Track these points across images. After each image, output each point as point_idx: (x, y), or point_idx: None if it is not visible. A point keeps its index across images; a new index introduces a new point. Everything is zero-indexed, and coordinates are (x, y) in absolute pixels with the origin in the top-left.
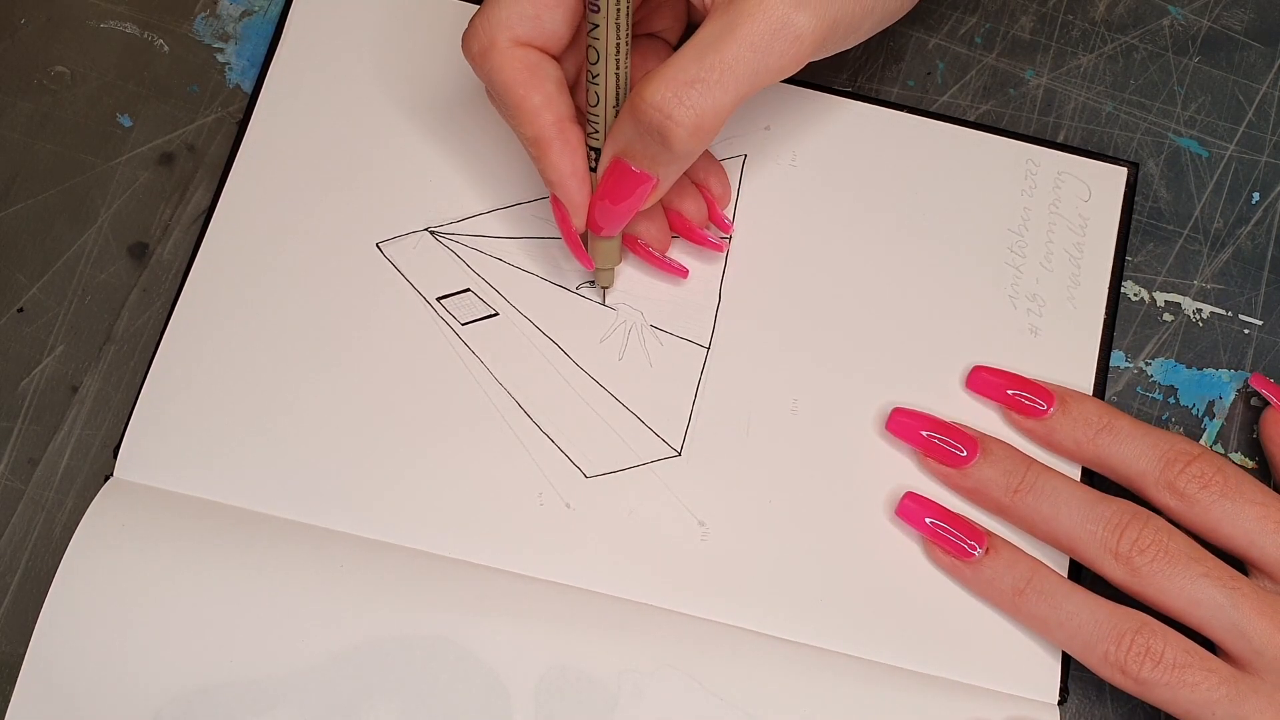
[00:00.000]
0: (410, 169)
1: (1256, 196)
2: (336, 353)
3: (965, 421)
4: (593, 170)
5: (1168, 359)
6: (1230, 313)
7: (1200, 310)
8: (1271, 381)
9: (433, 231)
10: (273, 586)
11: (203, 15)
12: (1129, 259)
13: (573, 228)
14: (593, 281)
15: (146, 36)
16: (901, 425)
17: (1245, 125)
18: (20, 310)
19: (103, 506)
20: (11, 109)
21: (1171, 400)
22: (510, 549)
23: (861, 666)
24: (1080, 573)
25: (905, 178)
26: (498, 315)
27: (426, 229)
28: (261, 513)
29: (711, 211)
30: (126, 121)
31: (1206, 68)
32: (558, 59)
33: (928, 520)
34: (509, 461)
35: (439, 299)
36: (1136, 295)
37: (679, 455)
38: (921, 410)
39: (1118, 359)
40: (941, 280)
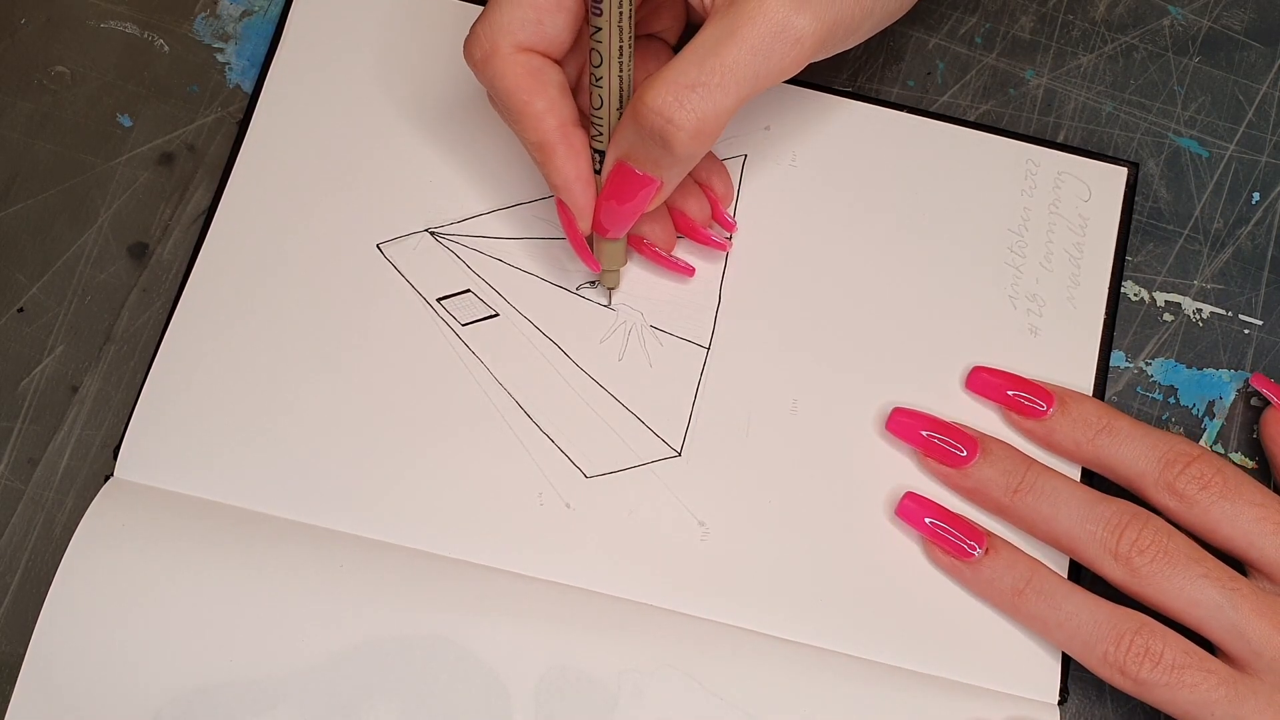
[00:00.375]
0: (410, 169)
1: (1256, 196)
2: (337, 353)
3: (965, 421)
4: (597, 173)
5: (1168, 359)
6: (1230, 313)
7: (1200, 310)
8: (1272, 381)
9: (433, 232)
10: (273, 586)
11: (203, 15)
12: (1129, 259)
13: (578, 231)
14: (594, 282)
15: (146, 36)
16: (901, 425)
17: (1245, 125)
18: (20, 310)
19: (103, 506)
20: (11, 109)
21: (1171, 400)
22: (510, 549)
23: (861, 666)
24: (1080, 573)
25: (905, 178)
26: (498, 316)
27: (427, 230)
28: (261, 513)
29: (715, 210)
30: (126, 121)
31: (1206, 68)
32: (559, 63)
33: (927, 520)
34: (509, 461)
35: (439, 300)
36: (1136, 295)
37: (679, 455)
38: (921, 410)
39: (1118, 359)
40: (941, 280)
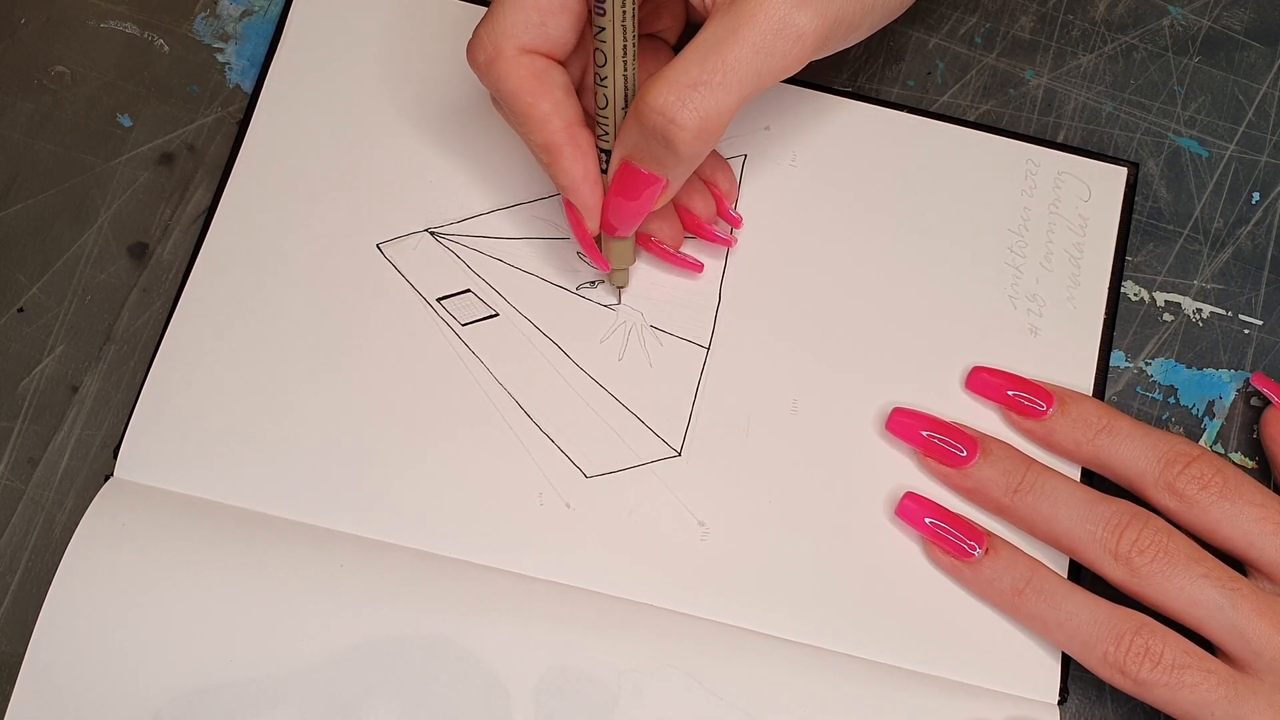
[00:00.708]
0: (410, 169)
1: (1256, 196)
2: (337, 353)
3: (965, 421)
4: (603, 172)
5: (1168, 359)
6: (1230, 313)
7: (1200, 310)
8: (1272, 381)
9: (433, 232)
10: (273, 586)
11: (203, 15)
12: (1129, 259)
13: (587, 231)
14: (594, 282)
15: (146, 36)
16: (901, 425)
17: (1245, 125)
18: (20, 310)
19: (103, 506)
20: (11, 109)
21: (1171, 400)
22: (510, 549)
23: (861, 666)
24: (1080, 573)
25: (905, 178)
26: (498, 316)
27: (427, 230)
28: (261, 513)
29: (720, 207)
30: (126, 121)
31: (1206, 68)
32: (563, 64)
33: (927, 520)
34: (509, 461)
35: (439, 300)
36: (1136, 295)
37: (679, 455)
38: (921, 410)
39: (1118, 359)
40: (941, 280)
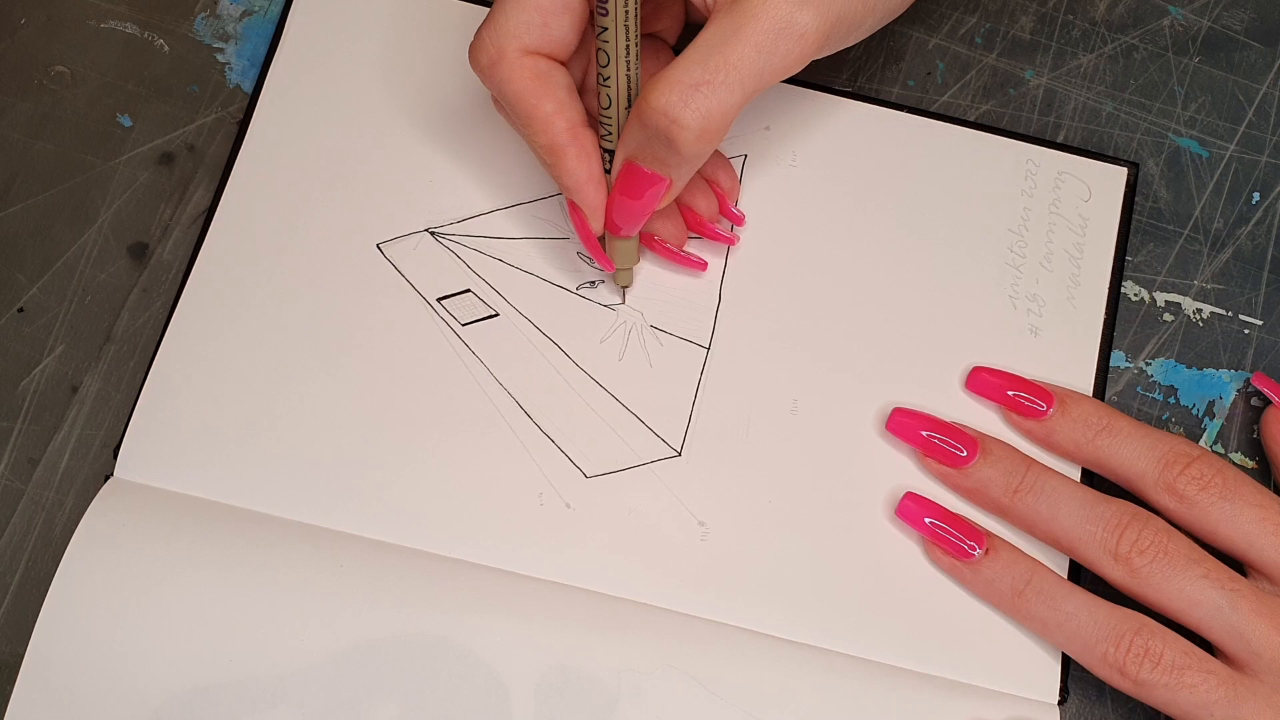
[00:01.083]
0: (410, 169)
1: (1256, 196)
2: (337, 353)
3: (965, 421)
4: (607, 172)
5: (1168, 359)
6: (1230, 313)
7: (1200, 310)
8: (1273, 380)
9: (433, 232)
10: (273, 586)
11: (203, 15)
12: (1129, 259)
13: (591, 231)
14: (593, 282)
15: (146, 36)
16: (901, 425)
17: (1245, 125)
18: (20, 310)
19: (103, 506)
20: (11, 109)
21: (1171, 400)
22: (510, 549)
23: (861, 666)
24: (1080, 573)
25: (905, 178)
26: (498, 316)
27: (427, 230)
28: (261, 513)
29: (722, 205)
30: (126, 121)
31: (1206, 68)
32: (565, 64)
33: (927, 520)
34: (509, 462)
35: (439, 300)
36: (1136, 295)
37: (679, 455)
38: (921, 410)
39: (1118, 359)
40: (941, 280)
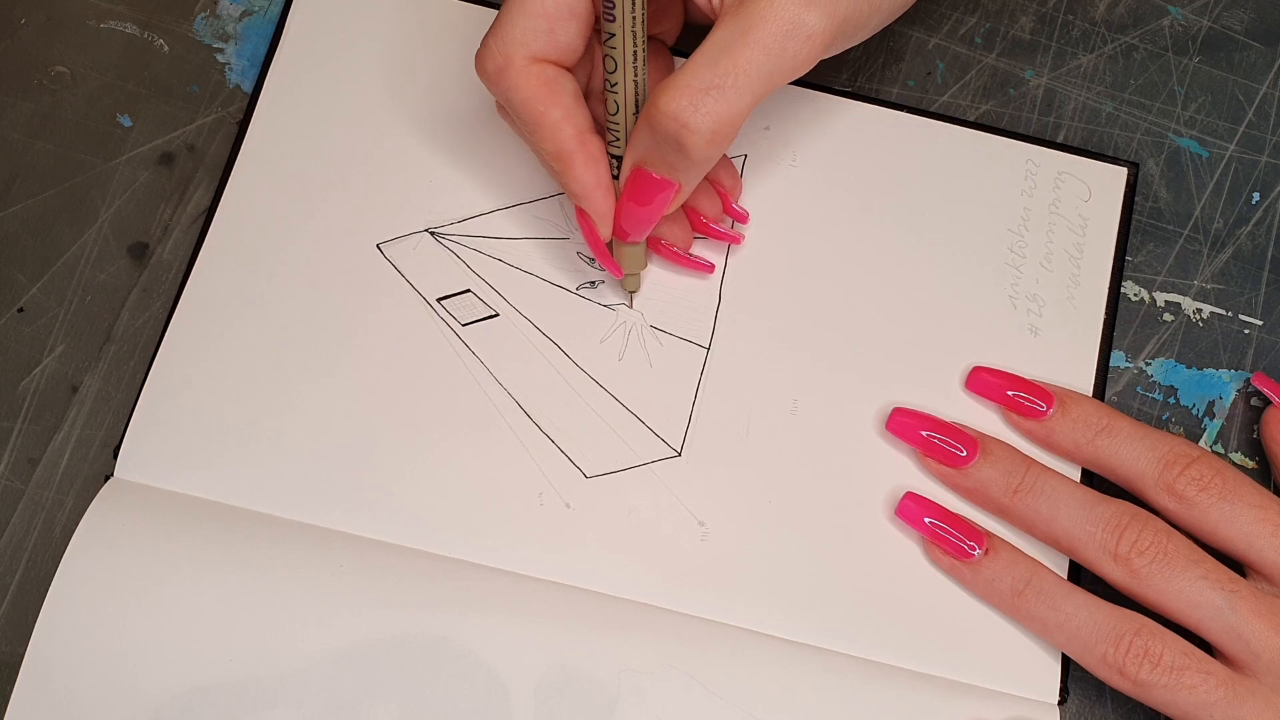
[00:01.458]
0: (410, 169)
1: (1256, 196)
2: (337, 353)
3: (965, 421)
4: (615, 178)
5: (1168, 359)
6: (1230, 313)
7: (1200, 310)
8: (1273, 380)
9: (433, 232)
10: (273, 586)
11: (203, 15)
12: (1129, 259)
13: (599, 237)
14: (593, 282)
15: (146, 36)
16: (901, 425)
17: (1245, 125)
18: (20, 310)
19: (103, 506)
20: (11, 109)
21: (1171, 400)
22: (510, 549)
23: (861, 666)
24: (1080, 574)
25: (905, 178)
26: (498, 316)
27: (427, 230)
28: (261, 513)
29: (725, 204)
30: (126, 121)
31: (1206, 68)
32: (571, 71)
33: (927, 520)
34: (509, 461)
35: (439, 300)
36: (1136, 295)
37: (679, 455)
38: (921, 410)
39: (1118, 359)
40: (941, 280)
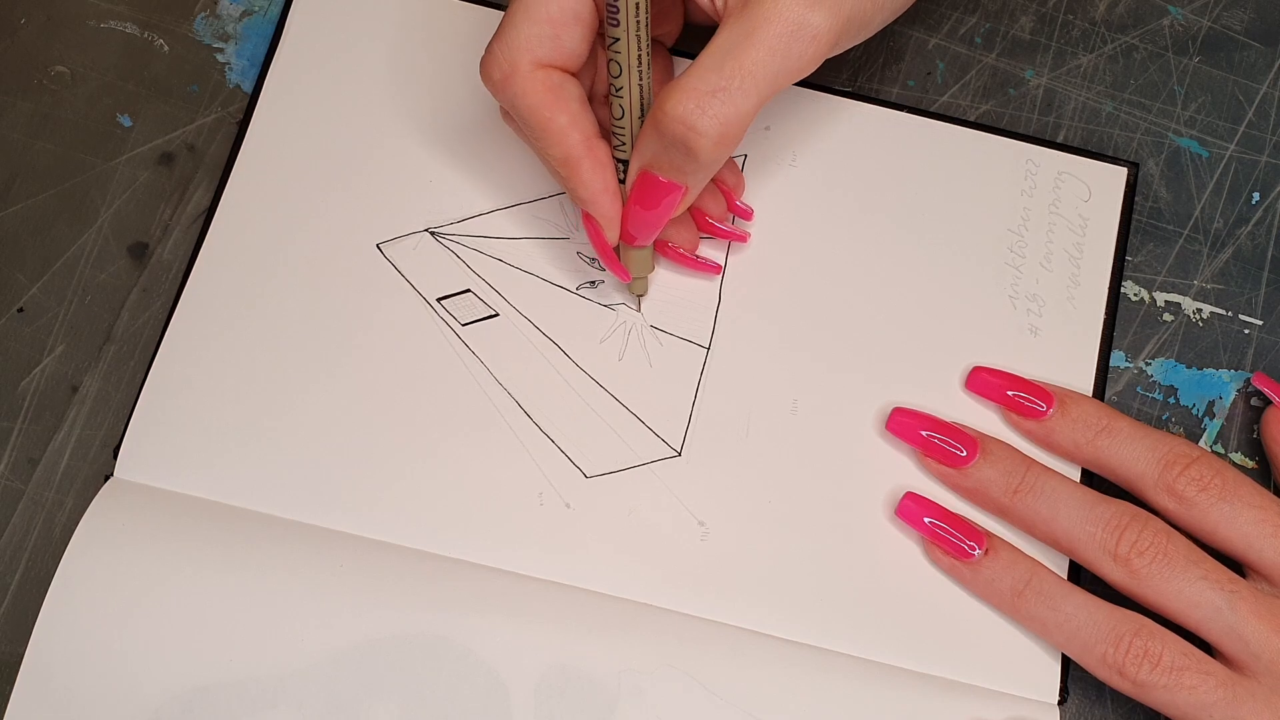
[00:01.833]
0: (410, 169)
1: (1256, 196)
2: (337, 353)
3: (965, 421)
4: (621, 183)
5: (1168, 359)
6: (1230, 313)
7: (1200, 310)
8: (1273, 381)
9: (433, 232)
10: (272, 586)
11: (203, 15)
12: (1129, 259)
13: (607, 242)
14: (593, 282)
15: (146, 36)
16: (901, 425)
17: (1245, 125)
18: (20, 310)
19: (103, 506)
20: (11, 109)
21: (1171, 400)
22: (510, 549)
23: (861, 666)
24: (1080, 574)
25: (905, 178)
26: (498, 316)
27: (427, 230)
28: (261, 513)
29: (730, 202)
30: (126, 121)
31: (1206, 68)
32: (575, 75)
33: (927, 520)
34: (509, 462)
35: (439, 300)
36: (1136, 295)
37: (679, 455)
38: (921, 410)
39: (1118, 359)
40: (941, 280)
